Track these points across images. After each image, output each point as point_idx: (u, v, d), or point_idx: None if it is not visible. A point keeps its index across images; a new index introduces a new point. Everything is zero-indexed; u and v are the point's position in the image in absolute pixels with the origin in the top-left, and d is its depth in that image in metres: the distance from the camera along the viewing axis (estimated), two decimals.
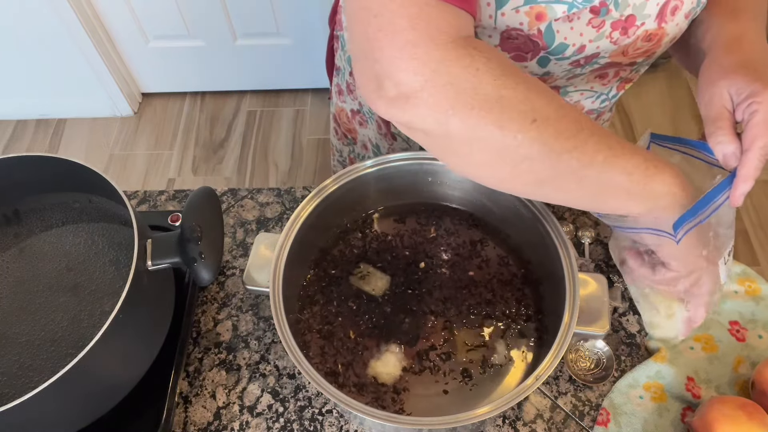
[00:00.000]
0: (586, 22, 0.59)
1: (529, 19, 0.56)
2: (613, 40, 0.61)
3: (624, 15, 0.59)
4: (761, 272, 0.85)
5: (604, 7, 0.58)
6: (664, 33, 0.63)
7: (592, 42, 0.60)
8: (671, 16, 0.61)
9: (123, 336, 0.56)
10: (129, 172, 2.00)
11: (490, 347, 0.63)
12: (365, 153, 0.94)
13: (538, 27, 0.57)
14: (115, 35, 1.95)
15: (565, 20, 0.58)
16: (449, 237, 0.71)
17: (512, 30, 0.58)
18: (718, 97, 0.55)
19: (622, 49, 0.63)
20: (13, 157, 0.62)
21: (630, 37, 0.61)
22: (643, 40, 0.63)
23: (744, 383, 0.67)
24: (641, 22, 0.60)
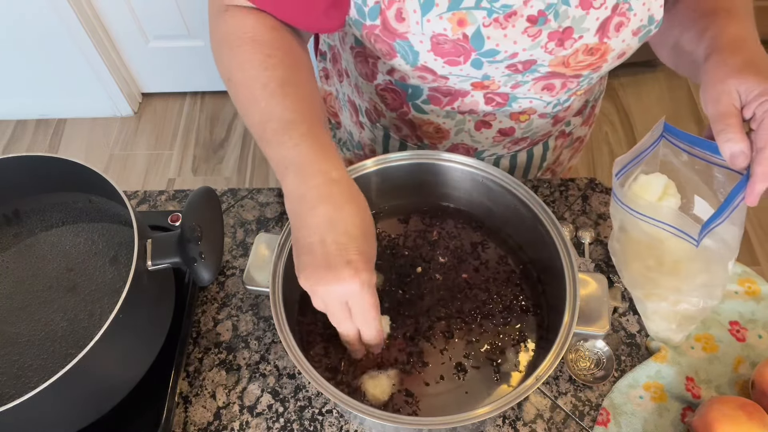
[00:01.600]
0: (522, 31, 0.60)
1: (452, 25, 0.59)
2: (549, 50, 0.62)
3: (562, 27, 0.60)
4: (761, 272, 0.85)
5: (543, 16, 0.59)
6: (608, 48, 0.63)
7: (526, 50, 0.62)
8: (615, 32, 0.61)
9: (123, 336, 0.56)
10: (129, 172, 2.00)
11: (490, 347, 0.63)
12: (348, 138, 0.96)
13: (463, 32, 0.59)
14: (115, 35, 1.95)
15: (497, 27, 0.59)
16: (448, 237, 0.71)
17: (439, 35, 0.60)
18: (726, 95, 0.55)
19: (562, 60, 0.63)
20: (13, 157, 0.62)
21: (567, 49, 0.62)
22: (585, 53, 0.63)
23: (744, 383, 0.67)
24: (579, 35, 0.61)
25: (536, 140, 0.83)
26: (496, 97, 0.71)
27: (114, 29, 1.93)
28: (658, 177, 0.66)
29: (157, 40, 1.98)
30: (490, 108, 0.73)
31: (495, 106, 0.73)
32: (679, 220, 0.60)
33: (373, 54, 0.72)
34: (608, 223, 0.80)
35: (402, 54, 0.64)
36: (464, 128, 0.78)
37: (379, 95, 0.79)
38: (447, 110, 0.75)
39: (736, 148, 0.54)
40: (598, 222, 0.81)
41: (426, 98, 0.74)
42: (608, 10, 0.60)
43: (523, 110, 0.74)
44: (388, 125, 0.85)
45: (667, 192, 0.66)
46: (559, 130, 0.84)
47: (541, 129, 0.80)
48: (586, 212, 0.82)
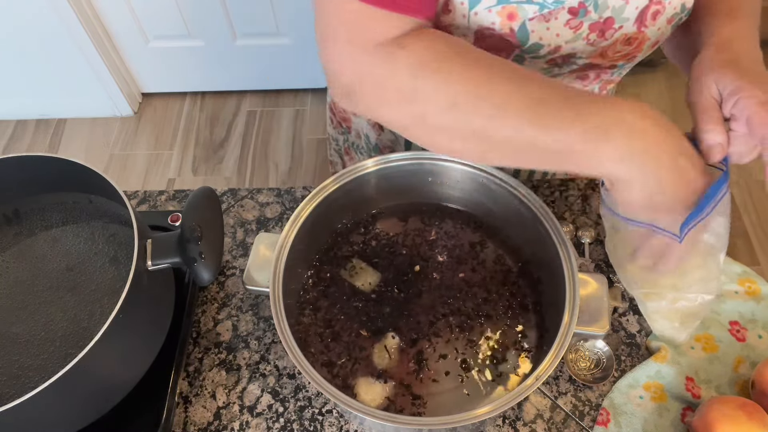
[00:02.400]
0: (564, 23, 0.59)
1: (501, 18, 0.58)
2: (590, 42, 0.61)
3: (603, 17, 0.60)
4: (761, 272, 0.85)
5: (583, 8, 0.58)
6: (645, 37, 0.63)
7: (569, 43, 0.61)
8: (652, 20, 0.61)
9: (123, 336, 0.56)
10: (129, 172, 2.00)
11: (490, 347, 0.63)
12: (359, 142, 0.95)
13: (510, 26, 0.58)
14: (115, 35, 1.95)
15: (540, 20, 0.58)
16: (448, 237, 0.71)
17: (485, 29, 0.59)
18: (707, 89, 0.55)
19: (601, 51, 0.63)
20: (13, 157, 0.62)
21: (608, 40, 0.62)
22: (623, 43, 0.63)
23: (744, 383, 0.67)
24: (619, 25, 0.61)
25: None
26: None
27: (114, 29, 1.93)
28: None
29: (157, 40, 1.98)
30: None
31: None
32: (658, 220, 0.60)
33: None
34: None
35: None
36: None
37: None
38: None
39: (712, 139, 0.54)
40: (598, 222, 0.81)
41: None
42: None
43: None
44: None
45: None
46: None
47: None
48: (586, 212, 0.82)
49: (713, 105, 0.55)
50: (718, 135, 0.54)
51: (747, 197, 1.83)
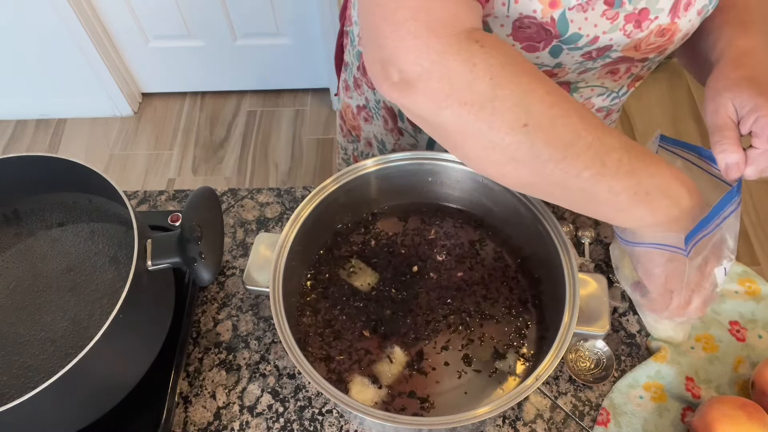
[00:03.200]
0: (600, 13, 0.58)
1: (543, 6, 0.56)
2: (627, 33, 0.61)
3: (638, 8, 0.59)
4: (761, 272, 0.85)
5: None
6: (678, 28, 0.62)
7: (606, 33, 0.60)
8: (684, 11, 0.61)
9: (123, 336, 0.56)
10: (129, 172, 2.00)
11: (490, 347, 0.63)
12: (369, 150, 0.94)
13: (552, 15, 0.57)
14: (115, 35, 1.95)
15: (579, 10, 0.57)
16: (448, 237, 0.71)
17: (525, 18, 0.57)
18: (723, 108, 0.55)
19: (635, 43, 0.63)
20: (13, 157, 0.62)
21: (644, 31, 0.61)
22: (656, 35, 0.62)
23: (744, 383, 0.67)
24: (655, 15, 0.60)
25: None
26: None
27: (114, 29, 1.93)
28: None
29: (157, 40, 1.98)
30: None
31: None
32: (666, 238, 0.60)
33: None
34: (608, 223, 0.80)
35: None
36: None
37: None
38: None
39: (731, 159, 0.54)
40: (598, 222, 0.81)
41: None
42: None
43: (583, 102, 0.73)
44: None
45: None
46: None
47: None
48: None
49: (729, 124, 0.55)
50: (734, 154, 0.54)
51: (747, 197, 1.83)
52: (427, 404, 0.60)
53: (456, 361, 0.62)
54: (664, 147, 0.65)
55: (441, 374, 0.62)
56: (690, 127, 1.98)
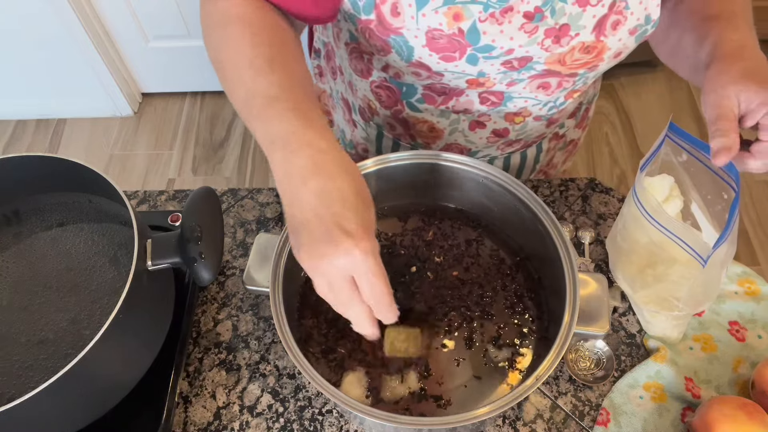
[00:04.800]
0: (518, 27, 0.60)
1: (447, 19, 0.59)
2: (545, 47, 0.62)
3: (559, 23, 0.60)
4: (761, 272, 0.85)
5: (539, 13, 0.59)
6: (605, 47, 0.63)
7: (522, 47, 0.61)
8: (612, 30, 0.61)
9: (123, 336, 0.56)
10: (129, 172, 2.00)
11: (490, 347, 0.63)
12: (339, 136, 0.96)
13: (459, 26, 0.59)
14: (115, 35, 1.95)
15: (493, 22, 0.59)
16: (447, 237, 0.71)
17: (434, 30, 0.60)
18: (726, 101, 0.55)
19: (558, 58, 0.63)
20: (13, 157, 0.62)
21: (563, 47, 0.62)
22: (581, 51, 0.63)
23: (744, 383, 0.67)
24: (576, 32, 0.61)
25: (530, 142, 0.83)
26: (491, 96, 0.71)
27: (114, 29, 1.93)
28: (664, 178, 0.67)
29: (157, 40, 1.98)
30: (485, 108, 0.73)
31: (490, 105, 0.73)
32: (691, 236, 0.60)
33: (368, 50, 0.71)
34: (608, 223, 0.80)
35: (397, 49, 0.64)
36: (458, 128, 0.78)
37: (373, 92, 0.79)
38: (441, 109, 0.75)
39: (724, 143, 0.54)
40: (598, 222, 0.81)
41: (420, 97, 0.74)
42: (605, 8, 0.60)
43: (518, 111, 0.74)
44: (382, 124, 0.84)
45: (672, 194, 0.67)
46: (552, 132, 0.84)
47: (535, 131, 0.80)
48: (586, 212, 0.82)
49: (730, 117, 0.55)
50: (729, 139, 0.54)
51: (747, 197, 1.83)
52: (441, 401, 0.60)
53: (456, 361, 0.62)
54: (672, 138, 0.65)
55: (440, 374, 0.62)
56: (690, 127, 1.98)
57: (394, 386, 0.61)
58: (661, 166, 0.67)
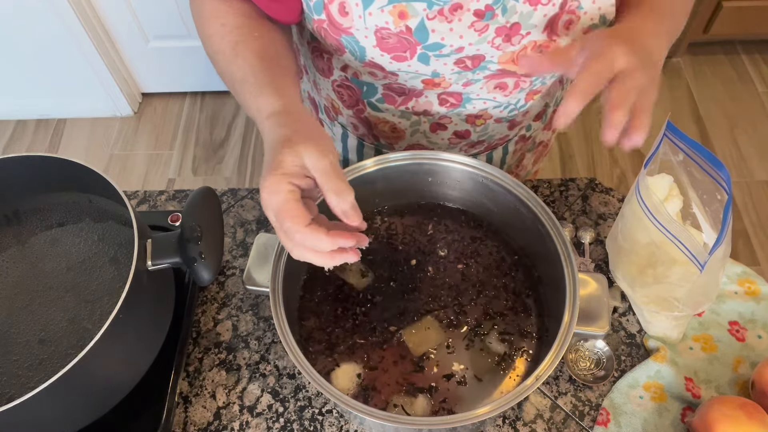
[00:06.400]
0: (468, 25, 0.59)
1: (393, 17, 0.59)
2: (496, 46, 0.61)
3: (510, 22, 0.60)
4: (761, 272, 0.85)
5: (490, 11, 0.58)
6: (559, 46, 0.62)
7: (473, 45, 0.61)
8: (565, 30, 0.61)
9: (123, 336, 0.56)
10: (129, 172, 2.00)
11: (490, 347, 0.63)
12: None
13: (406, 24, 0.59)
14: (115, 35, 1.95)
15: (442, 20, 0.59)
16: (447, 237, 0.71)
17: (382, 29, 0.60)
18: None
19: (511, 57, 0.63)
20: (13, 157, 0.62)
21: (515, 45, 0.62)
22: (534, 50, 0.62)
23: (744, 383, 0.67)
24: (527, 31, 0.61)
25: (494, 144, 0.83)
26: (449, 98, 0.71)
27: (114, 29, 1.93)
28: (663, 178, 0.67)
29: (157, 40, 1.98)
30: (444, 109, 0.73)
31: (449, 107, 0.72)
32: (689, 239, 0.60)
33: (327, 49, 0.72)
34: (608, 223, 0.80)
35: (350, 50, 0.64)
36: (420, 129, 0.78)
37: (335, 92, 0.79)
38: (402, 110, 0.75)
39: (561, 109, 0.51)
40: (598, 222, 0.81)
41: (381, 96, 0.74)
42: (556, 8, 0.59)
43: (479, 113, 0.73)
44: (346, 123, 0.85)
45: (671, 193, 0.67)
46: (517, 134, 0.84)
47: (498, 133, 0.79)
48: (586, 212, 0.82)
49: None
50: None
51: (747, 197, 1.83)
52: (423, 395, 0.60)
53: (456, 360, 0.62)
54: (669, 137, 0.65)
55: (440, 374, 0.62)
56: (690, 127, 1.98)
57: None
58: (660, 166, 0.67)
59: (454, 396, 0.61)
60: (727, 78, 2.11)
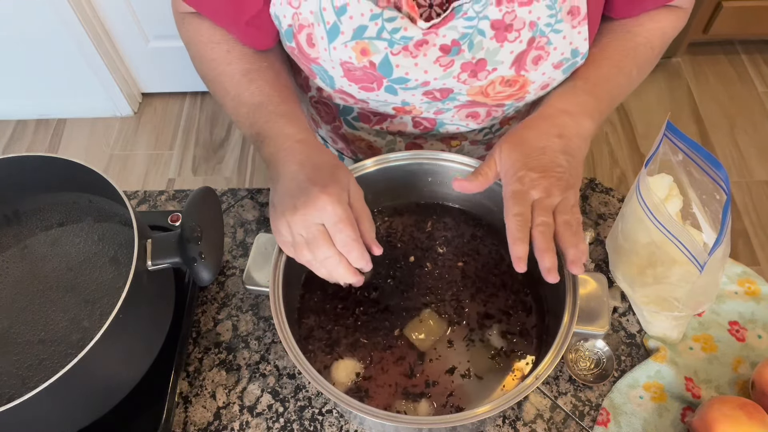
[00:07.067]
0: (434, 60, 0.60)
1: (355, 53, 0.60)
2: (462, 81, 0.62)
3: (476, 58, 0.60)
4: (761, 272, 0.85)
5: (456, 46, 0.58)
6: (527, 81, 0.62)
7: (438, 79, 0.62)
8: (533, 65, 0.61)
9: (123, 336, 0.56)
10: (129, 172, 2.00)
11: (490, 347, 0.63)
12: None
13: (369, 60, 0.60)
14: (115, 35, 1.95)
15: (407, 55, 0.59)
16: (447, 237, 0.71)
17: (347, 63, 0.61)
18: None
19: (480, 90, 0.63)
20: (13, 157, 0.62)
21: (481, 81, 0.62)
22: (502, 84, 0.63)
23: (744, 383, 0.67)
24: (493, 67, 0.61)
25: None
26: (423, 122, 0.71)
27: (114, 29, 1.93)
28: (663, 177, 0.67)
29: (157, 40, 1.98)
30: (419, 131, 0.73)
31: (423, 130, 0.73)
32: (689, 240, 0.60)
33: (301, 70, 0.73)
34: (608, 223, 0.80)
35: (320, 77, 0.65)
36: (395, 148, 0.78)
37: (313, 107, 0.80)
38: (377, 129, 0.75)
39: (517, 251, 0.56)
40: (598, 222, 0.81)
41: (356, 115, 0.74)
42: (523, 44, 0.59)
43: (453, 135, 0.73)
44: (326, 136, 0.86)
45: (671, 193, 0.67)
46: None
47: (475, 154, 0.80)
48: (586, 212, 0.82)
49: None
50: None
51: (747, 198, 1.83)
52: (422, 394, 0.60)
53: (455, 360, 0.62)
54: (669, 137, 0.65)
55: (439, 374, 0.62)
56: (690, 127, 1.98)
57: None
58: (660, 166, 0.67)
59: (454, 396, 0.61)
60: (727, 78, 2.11)
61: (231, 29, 0.66)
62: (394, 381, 0.61)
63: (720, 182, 0.60)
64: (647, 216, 0.63)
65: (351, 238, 0.53)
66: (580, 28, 0.60)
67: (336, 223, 0.53)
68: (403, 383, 0.61)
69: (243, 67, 0.65)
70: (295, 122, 0.60)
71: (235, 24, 0.64)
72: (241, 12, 0.62)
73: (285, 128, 0.59)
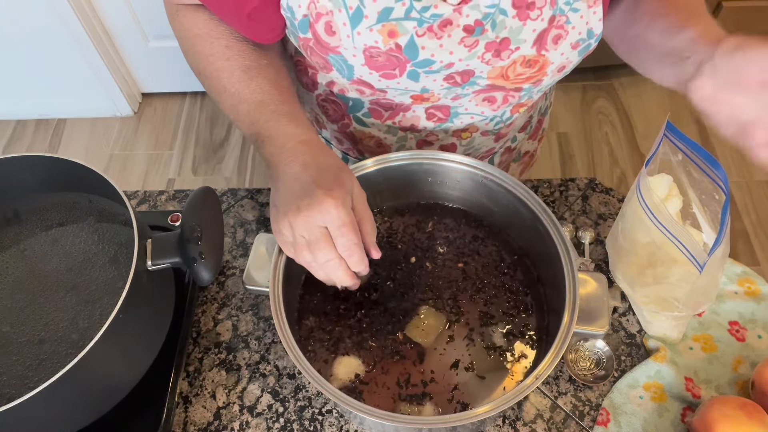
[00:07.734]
0: (458, 41, 0.59)
1: (382, 36, 0.59)
2: (485, 61, 0.61)
3: (500, 37, 0.59)
4: (761, 272, 0.85)
5: (480, 26, 0.58)
6: (547, 61, 0.62)
7: (462, 60, 0.61)
8: (553, 44, 0.61)
9: (123, 336, 0.56)
10: (129, 172, 2.00)
11: (490, 347, 0.63)
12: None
13: (395, 42, 0.59)
14: (115, 35, 1.95)
15: (432, 37, 0.59)
16: (447, 237, 0.71)
17: (371, 48, 0.60)
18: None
19: (501, 72, 0.63)
20: (13, 157, 0.62)
21: (504, 60, 0.62)
22: (523, 65, 0.62)
23: (744, 383, 0.67)
24: (516, 46, 0.60)
25: (480, 157, 0.83)
26: (437, 112, 0.71)
27: (114, 29, 1.93)
28: (663, 177, 0.67)
29: (157, 40, 1.98)
30: (432, 124, 0.73)
31: (437, 122, 0.73)
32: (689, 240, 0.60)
33: (312, 65, 0.71)
34: (608, 223, 0.80)
35: (337, 68, 0.64)
36: (406, 145, 0.78)
37: (320, 106, 0.79)
38: (388, 125, 0.75)
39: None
40: (598, 222, 0.81)
41: (367, 111, 0.74)
42: (545, 22, 0.59)
43: (465, 127, 0.73)
44: (330, 137, 0.85)
45: (671, 193, 0.67)
46: (503, 146, 0.84)
47: (483, 146, 0.79)
48: (586, 212, 0.82)
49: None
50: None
51: (747, 198, 1.83)
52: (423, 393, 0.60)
53: (455, 360, 0.62)
54: (669, 137, 0.65)
55: (439, 373, 0.62)
56: (690, 127, 1.98)
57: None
58: (660, 166, 0.67)
59: (459, 390, 0.61)
60: None
61: (232, 21, 0.65)
62: (394, 381, 0.61)
63: (719, 182, 0.60)
64: (647, 216, 0.63)
65: (353, 242, 0.54)
66: (596, 8, 0.60)
67: (339, 227, 0.53)
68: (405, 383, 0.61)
69: (243, 63, 0.64)
70: (297, 122, 0.60)
71: (236, 16, 0.63)
72: (242, 4, 0.61)
73: (287, 128, 0.59)
